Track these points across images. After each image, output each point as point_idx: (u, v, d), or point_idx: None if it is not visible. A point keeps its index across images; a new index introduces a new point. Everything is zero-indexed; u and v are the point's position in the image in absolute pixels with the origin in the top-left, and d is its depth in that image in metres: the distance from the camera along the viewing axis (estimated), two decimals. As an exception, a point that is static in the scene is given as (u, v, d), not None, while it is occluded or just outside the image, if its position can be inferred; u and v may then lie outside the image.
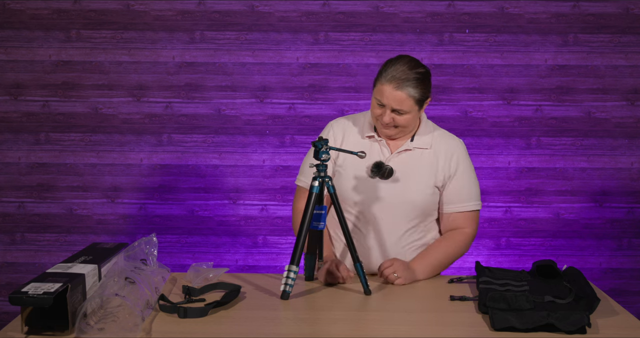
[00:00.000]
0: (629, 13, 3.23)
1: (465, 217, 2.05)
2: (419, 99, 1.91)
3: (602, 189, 3.32)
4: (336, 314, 1.66)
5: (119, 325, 1.48)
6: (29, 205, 3.33)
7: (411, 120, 1.94)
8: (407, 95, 1.87)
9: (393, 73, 1.87)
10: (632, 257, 3.34)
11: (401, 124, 1.93)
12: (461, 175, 2.03)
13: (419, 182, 2.00)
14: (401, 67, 1.88)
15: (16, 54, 3.26)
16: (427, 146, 2.02)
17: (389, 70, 1.88)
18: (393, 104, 1.88)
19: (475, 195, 2.06)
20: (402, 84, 1.86)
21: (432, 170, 2.01)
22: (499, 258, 3.34)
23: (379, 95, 1.90)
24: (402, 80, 1.86)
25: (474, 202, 2.05)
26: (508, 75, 3.27)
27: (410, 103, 1.89)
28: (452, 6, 3.23)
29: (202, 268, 1.88)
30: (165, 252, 3.30)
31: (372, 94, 1.94)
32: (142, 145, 3.30)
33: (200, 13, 3.24)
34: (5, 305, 3.38)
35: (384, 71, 1.90)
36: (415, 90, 1.88)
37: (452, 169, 2.03)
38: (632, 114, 3.28)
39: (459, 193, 2.03)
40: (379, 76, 1.91)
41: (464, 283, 1.94)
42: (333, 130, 2.07)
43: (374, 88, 1.94)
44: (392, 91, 1.87)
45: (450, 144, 2.06)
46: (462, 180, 2.03)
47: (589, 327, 1.54)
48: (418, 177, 2.00)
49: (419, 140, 2.03)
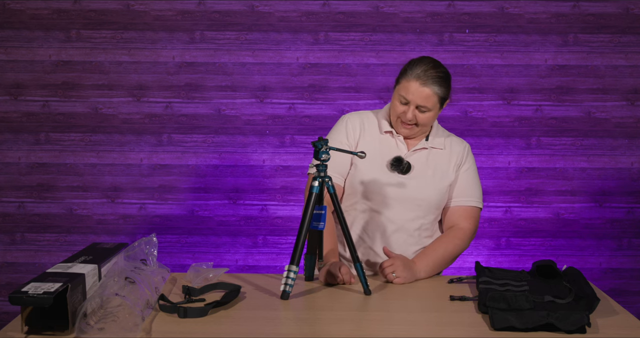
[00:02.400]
0: (629, 13, 3.23)
1: (466, 212, 2.07)
2: (442, 97, 1.96)
3: (602, 189, 3.32)
4: (336, 314, 1.66)
5: (119, 325, 1.48)
6: (29, 205, 3.33)
7: (431, 118, 1.99)
8: (433, 92, 1.92)
9: (418, 71, 1.92)
10: (632, 257, 3.34)
11: (422, 122, 1.98)
12: (465, 172, 2.09)
13: (434, 180, 2.04)
14: (426, 65, 1.94)
15: (16, 54, 3.26)
16: (441, 147, 2.08)
17: (414, 68, 1.93)
18: (418, 101, 1.93)
19: (477, 194, 2.10)
20: (428, 81, 1.92)
21: (446, 170, 2.07)
22: (499, 258, 3.34)
23: (404, 91, 1.94)
24: (428, 78, 1.92)
25: (475, 199, 2.09)
26: (508, 75, 3.27)
27: (434, 100, 1.94)
28: (452, 6, 3.23)
29: (202, 268, 1.88)
30: (165, 252, 3.30)
31: (395, 92, 1.99)
32: (142, 145, 3.30)
33: (200, 13, 3.24)
34: (5, 305, 3.38)
35: (409, 69, 1.95)
36: (439, 89, 1.93)
37: (459, 166, 2.09)
38: (632, 114, 3.28)
39: (461, 188, 2.08)
40: (403, 74, 1.96)
41: (464, 283, 1.94)
42: (351, 124, 2.08)
43: (397, 85, 1.98)
44: (418, 87, 1.92)
45: (461, 145, 2.12)
46: (466, 177, 2.09)
47: (589, 326, 1.54)
48: (433, 175, 2.05)
49: (433, 140, 2.08)
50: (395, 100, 1.99)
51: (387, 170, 2.02)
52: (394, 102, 2.00)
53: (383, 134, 2.07)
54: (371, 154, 2.02)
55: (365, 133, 2.07)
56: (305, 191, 2.11)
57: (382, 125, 2.08)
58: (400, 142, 2.06)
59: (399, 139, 2.06)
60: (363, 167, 2.03)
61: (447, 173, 2.07)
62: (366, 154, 1.92)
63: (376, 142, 2.05)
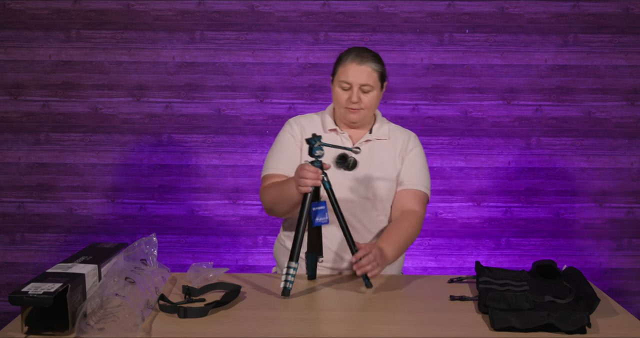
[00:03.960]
0: (629, 13, 3.23)
1: (414, 196, 2.07)
2: (381, 73, 2.03)
3: (602, 189, 3.32)
4: (336, 314, 1.66)
5: (119, 325, 1.48)
6: (29, 205, 3.33)
7: (375, 99, 2.04)
8: (372, 69, 2.00)
9: (352, 54, 2.01)
10: (632, 257, 3.34)
11: (367, 104, 2.02)
12: (412, 158, 2.11)
13: (383, 171, 2.06)
14: (358, 50, 2.03)
15: (16, 54, 3.26)
16: (385, 137, 2.12)
17: (348, 54, 2.02)
18: (361, 80, 1.99)
19: (424, 181, 2.11)
20: (364, 60, 2.00)
21: (391, 160, 2.09)
22: (499, 258, 3.34)
23: (344, 76, 2.00)
24: (363, 58, 2.00)
25: (423, 185, 2.10)
26: (508, 75, 3.27)
27: (375, 77, 2.01)
28: (452, 6, 3.24)
29: (202, 268, 1.88)
30: (165, 252, 3.30)
31: (334, 84, 2.04)
32: (142, 145, 3.30)
33: (200, 13, 3.24)
34: (5, 305, 3.38)
35: (343, 57, 2.03)
36: (377, 65, 2.01)
37: (406, 153, 2.11)
38: (632, 114, 3.28)
39: (409, 173, 2.09)
40: (339, 63, 2.03)
41: (464, 283, 1.94)
42: (292, 127, 2.12)
43: (334, 77, 2.04)
44: (357, 67, 1.99)
45: (405, 134, 2.17)
46: (414, 163, 2.11)
47: (589, 327, 1.54)
48: (382, 166, 2.07)
49: (377, 131, 2.12)
50: (337, 91, 2.03)
51: (334, 168, 2.04)
52: (336, 93, 2.04)
53: (327, 133, 2.10)
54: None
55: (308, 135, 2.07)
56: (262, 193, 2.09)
57: (326, 124, 2.12)
58: (345, 138, 2.09)
59: (344, 135, 2.09)
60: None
61: (393, 163, 2.09)
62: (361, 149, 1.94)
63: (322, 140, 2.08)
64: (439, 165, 3.31)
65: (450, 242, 3.34)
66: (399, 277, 2.05)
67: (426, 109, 3.29)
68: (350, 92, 2.01)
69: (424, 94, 3.28)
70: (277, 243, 2.21)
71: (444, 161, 3.31)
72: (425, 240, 3.34)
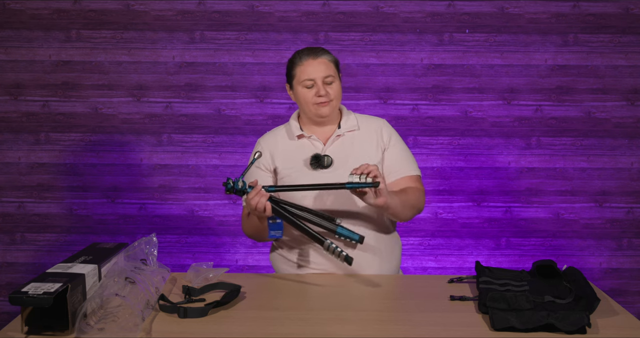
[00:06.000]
0: (629, 13, 3.23)
1: (409, 180, 2.08)
2: (336, 61, 2.08)
3: (602, 189, 3.32)
4: (336, 314, 1.66)
5: (119, 325, 1.48)
6: (29, 205, 3.33)
7: (339, 89, 2.07)
8: (327, 59, 2.05)
9: (304, 53, 2.05)
10: (632, 257, 3.34)
11: (334, 94, 2.05)
12: (395, 144, 2.11)
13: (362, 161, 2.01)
14: (307, 48, 2.08)
15: (16, 54, 3.26)
16: (354, 128, 2.12)
17: (300, 54, 2.06)
18: (322, 73, 2.02)
19: (412, 164, 2.12)
20: (318, 53, 2.05)
21: (367, 151, 2.08)
22: (499, 258, 3.34)
23: (305, 75, 2.03)
24: (316, 52, 2.05)
25: (412, 169, 2.11)
26: (508, 75, 3.27)
27: (333, 67, 2.05)
28: (452, 6, 3.23)
29: (202, 268, 1.88)
30: (165, 252, 3.30)
31: (295, 87, 2.06)
32: (142, 145, 3.30)
33: (200, 13, 3.24)
34: (5, 305, 3.38)
35: (296, 58, 2.06)
36: (329, 55, 2.06)
37: (386, 141, 2.11)
38: (632, 114, 3.28)
39: (399, 160, 2.09)
40: (293, 64, 2.06)
41: (464, 283, 1.94)
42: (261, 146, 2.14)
43: (293, 80, 2.07)
44: (314, 62, 2.03)
45: (374, 121, 2.16)
46: (398, 149, 2.11)
47: (589, 327, 1.54)
48: (358, 159, 2.04)
49: (345, 124, 2.12)
50: (301, 92, 2.04)
51: (311, 170, 2.04)
52: (301, 94, 2.05)
53: (296, 140, 2.11)
54: (291, 161, 2.07)
55: (277, 148, 2.11)
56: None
57: (293, 131, 2.12)
58: (315, 140, 2.10)
59: (313, 138, 2.10)
60: (289, 177, 2.06)
61: (370, 154, 2.07)
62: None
63: (292, 149, 2.09)
64: (439, 165, 3.31)
65: (450, 242, 3.34)
66: (399, 277, 2.05)
67: (426, 109, 3.29)
68: (315, 88, 2.03)
69: (424, 94, 3.28)
70: (272, 253, 2.20)
71: (444, 161, 3.31)
72: (425, 240, 3.34)
